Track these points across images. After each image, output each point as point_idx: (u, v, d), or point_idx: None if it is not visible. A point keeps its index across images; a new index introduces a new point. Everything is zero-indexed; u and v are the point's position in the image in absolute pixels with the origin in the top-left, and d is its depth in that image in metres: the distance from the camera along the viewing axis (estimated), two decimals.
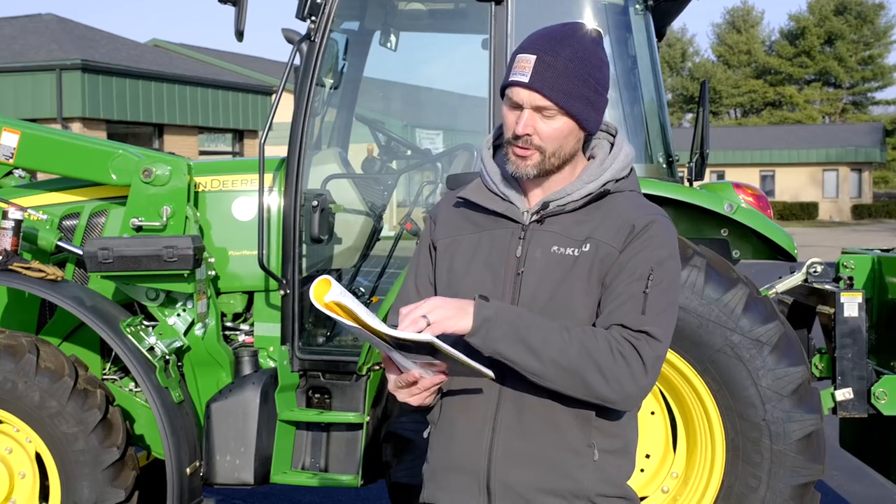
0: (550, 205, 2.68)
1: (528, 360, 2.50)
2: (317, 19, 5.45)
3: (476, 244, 2.72)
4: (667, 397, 5.35)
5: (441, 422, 2.74)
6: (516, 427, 2.62)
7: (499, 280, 2.67)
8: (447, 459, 2.71)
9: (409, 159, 6.48)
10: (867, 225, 51.92)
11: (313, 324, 5.69)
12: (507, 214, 2.71)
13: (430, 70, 7.11)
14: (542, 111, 2.60)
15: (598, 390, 2.51)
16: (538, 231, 2.67)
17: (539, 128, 2.60)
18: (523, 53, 2.63)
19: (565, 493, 2.61)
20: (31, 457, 5.16)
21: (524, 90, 2.59)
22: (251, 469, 5.33)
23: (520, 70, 2.60)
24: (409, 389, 2.58)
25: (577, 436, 2.62)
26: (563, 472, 2.61)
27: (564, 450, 2.61)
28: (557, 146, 2.63)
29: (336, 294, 2.37)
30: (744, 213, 5.42)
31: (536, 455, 2.61)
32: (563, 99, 2.58)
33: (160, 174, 5.44)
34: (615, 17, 5.68)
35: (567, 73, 2.59)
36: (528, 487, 2.61)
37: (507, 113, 2.65)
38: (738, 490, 5.07)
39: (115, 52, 27.89)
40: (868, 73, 78.39)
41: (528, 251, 2.66)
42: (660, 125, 5.87)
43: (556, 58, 2.60)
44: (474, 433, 2.65)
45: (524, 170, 2.64)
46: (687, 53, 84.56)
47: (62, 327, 5.66)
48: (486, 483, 2.64)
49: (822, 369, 5.78)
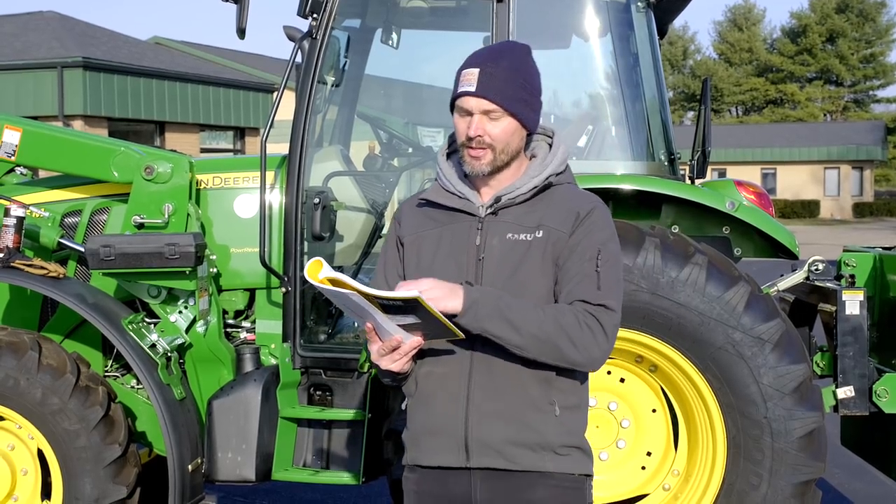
0: (502, 198, 3.07)
1: (511, 335, 2.89)
2: (318, 17, 5.46)
3: (439, 238, 3.11)
4: (668, 395, 5.35)
5: (419, 394, 3.09)
6: (488, 391, 3.00)
7: (462, 267, 3.05)
8: (427, 425, 3.07)
9: (410, 157, 6.48)
10: (868, 223, 51.91)
11: (315, 321, 5.69)
12: (464, 209, 3.11)
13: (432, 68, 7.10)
14: (490, 114, 3.00)
15: (569, 356, 2.93)
16: (493, 222, 3.07)
17: (488, 129, 3.01)
18: (467, 68, 3.06)
19: (533, 445, 3.00)
20: (33, 453, 5.17)
21: (472, 98, 3.01)
22: (253, 466, 5.34)
23: (466, 82, 3.03)
24: (390, 356, 2.93)
25: (541, 395, 3.01)
26: (530, 427, 3.00)
27: (530, 407, 3.00)
28: (505, 143, 3.03)
29: (328, 271, 2.77)
30: (745, 211, 5.42)
31: (506, 413, 2.99)
32: (506, 102, 3.00)
33: (162, 171, 5.45)
34: (617, 15, 5.68)
35: (507, 80, 3.01)
36: (501, 441, 2.99)
37: (458, 121, 3.07)
38: (739, 488, 5.07)
39: (117, 49, 27.90)
40: (869, 71, 78.32)
41: (486, 240, 3.05)
42: (661, 123, 5.86)
43: (496, 68, 3.01)
44: (450, 400, 3.02)
45: (479, 168, 3.04)
46: (688, 51, 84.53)
47: (64, 324, 5.67)
48: (465, 441, 3.01)
49: (824, 367, 5.78)
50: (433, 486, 3.10)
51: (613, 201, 5.31)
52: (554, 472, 3.02)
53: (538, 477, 3.01)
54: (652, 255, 4.98)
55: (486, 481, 3.02)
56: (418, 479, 3.14)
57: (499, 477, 3.01)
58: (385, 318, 2.83)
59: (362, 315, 2.87)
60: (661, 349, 5.10)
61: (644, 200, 5.44)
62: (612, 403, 5.37)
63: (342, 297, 2.81)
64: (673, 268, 4.99)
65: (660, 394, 5.38)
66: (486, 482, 3.02)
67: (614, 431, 5.37)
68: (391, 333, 2.89)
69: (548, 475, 3.02)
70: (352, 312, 2.94)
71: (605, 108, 5.78)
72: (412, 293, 2.74)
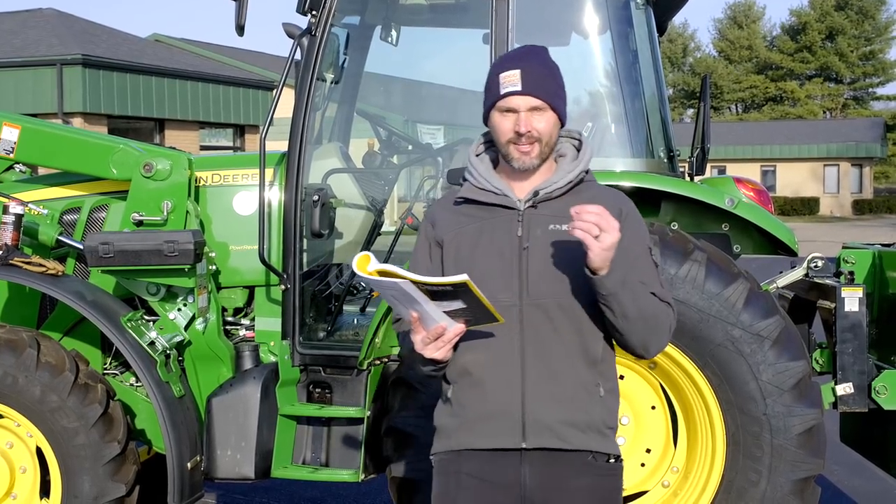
0: (540, 192, 3.24)
1: (630, 307, 3.07)
2: (318, 14, 5.45)
3: (478, 232, 3.25)
4: (667, 392, 5.35)
5: (469, 381, 3.20)
6: (542, 374, 3.15)
7: (505, 256, 3.20)
8: (484, 409, 3.18)
9: (409, 154, 6.48)
10: (868, 220, 51.92)
11: (314, 318, 5.69)
12: (504, 204, 3.25)
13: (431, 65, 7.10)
14: (536, 110, 3.19)
15: (649, 342, 3.19)
16: (534, 214, 3.23)
17: (535, 124, 3.19)
18: (506, 71, 3.22)
19: (582, 425, 3.17)
20: (31, 451, 5.17)
21: (519, 97, 3.18)
22: (252, 464, 5.34)
23: (510, 83, 3.19)
24: (434, 344, 3.05)
25: (588, 377, 3.20)
26: (580, 408, 3.18)
27: (581, 389, 3.18)
28: (549, 136, 3.22)
29: (376, 264, 2.93)
30: (745, 208, 5.41)
31: (560, 395, 3.16)
32: (549, 97, 3.20)
33: (161, 169, 5.44)
34: (616, 12, 5.67)
35: (545, 77, 3.23)
36: (555, 421, 3.15)
37: (500, 120, 3.22)
38: (738, 484, 5.07)
39: (116, 46, 27.88)
40: (869, 69, 78.33)
41: (528, 231, 3.20)
42: (661, 120, 5.86)
43: (534, 68, 3.22)
44: (505, 384, 3.16)
45: (529, 162, 3.22)
46: (688, 49, 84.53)
47: (63, 322, 5.67)
48: (522, 422, 3.15)
49: (823, 364, 5.78)
50: (479, 468, 3.21)
51: None
52: (598, 451, 3.21)
53: (582, 463, 3.18)
54: None
55: (536, 465, 3.16)
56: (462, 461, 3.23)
57: (549, 460, 3.16)
58: (432, 305, 2.97)
59: (408, 305, 2.99)
60: None
61: (643, 197, 5.42)
62: None
63: (390, 288, 2.94)
64: (672, 264, 4.99)
65: (659, 391, 5.38)
66: (535, 466, 3.16)
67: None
68: (436, 321, 3.01)
69: (591, 463, 3.20)
70: (397, 303, 3.04)
71: (604, 105, 5.77)
72: (462, 277, 2.89)
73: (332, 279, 6.01)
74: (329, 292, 5.87)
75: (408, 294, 2.94)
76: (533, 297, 3.16)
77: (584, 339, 3.19)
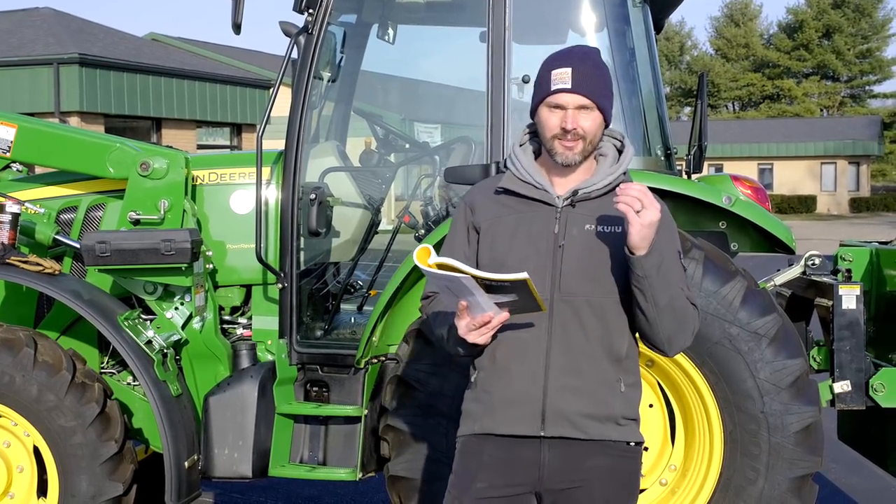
0: (579, 192, 3.33)
1: (661, 294, 3.17)
2: (314, 12, 5.45)
3: (516, 223, 3.35)
4: (665, 390, 5.35)
5: (495, 367, 3.33)
6: (565, 367, 3.27)
7: (541, 251, 3.30)
8: (507, 396, 3.31)
9: (406, 152, 6.47)
10: (865, 218, 51.92)
11: (311, 317, 5.69)
12: (543, 199, 3.35)
13: (428, 63, 7.10)
14: (583, 109, 3.27)
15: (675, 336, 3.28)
16: (572, 213, 3.32)
17: (581, 122, 3.27)
18: (558, 68, 3.29)
19: (602, 417, 3.29)
20: (29, 451, 5.16)
21: (568, 94, 3.26)
22: (249, 462, 5.33)
23: (560, 80, 3.27)
24: (479, 330, 3.15)
25: (610, 373, 3.30)
26: (600, 401, 3.29)
27: (602, 384, 3.29)
28: (594, 135, 3.32)
29: (436, 257, 3.07)
30: (742, 206, 5.41)
31: (581, 388, 3.27)
32: (597, 97, 3.29)
33: (158, 167, 5.44)
34: (613, 10, 5.67)
35: (595, 77, 3.31)
36: (575, 413, 3.27)
37: (548, 116, 3.30)
38: (736, 482, 5.07)
39: (113, 46, 27.86)
40: (866, 67, 78.29)
41: (565, 229, 3.31)
42: (658, 118, 5.86)
43: (585, 67, 3.30)
44: (529, 374, 3.28)
45: (572, 157, 3.30)
46: (685, 47, 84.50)
47: (60, 321, 5.66)
48: (542, 412, 3.27)
49: (821, 362, 5.78)
50: (501, 451, 3.33)
51: None
52: (616, 440, 3.32)
53: (601, 446, 3.30)
54: None
55: (555, 451, 3.28)
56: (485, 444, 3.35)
57: (566, 445, 3.28)
58: (486, 297, 3.10)
59: (460, 295, 3.12)
60: None
61: None
62: None
63: (449, 281, 3.07)
64: None
65: (657, 389, 5.38)
66: (554, 452, 3.28)
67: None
68: (484, 310, 3.13)
69: (609, 444, 3.31)
70: (449, 292, 3.16)
71: None
72: (522, 275, 3.02)
73: (330, 278, 6.01)
74: (326, 291, 5.87)
75: (464, 286, 3.08)
76: (564, 293, 3.27)
77: (609, 336, 3.29)
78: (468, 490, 3.36)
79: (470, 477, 3.38)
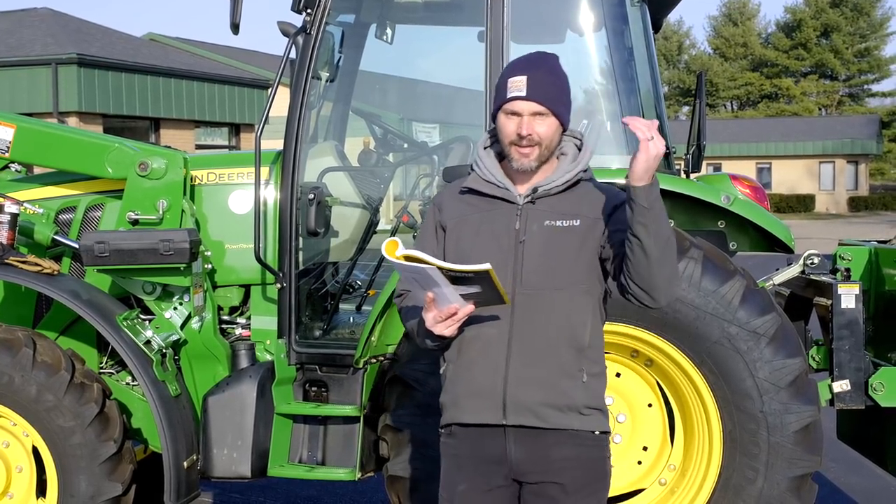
0: (539, 189, 3.47)
1: (662, 226, 3.24)
2: (312, 12, 5.45)
3: (479, 222, 3.49)
4: (664, 389, 5.35)
5: (461, 360, 3.46)
6: (525, 359, 3.38)
7: (503, 247, 3.43)
8: (469, 388, 3.44)
9: (405, 152, 6.47)
10: (863, 217, 51.95)
11: (310, 317, 5.69)
12: (505, 198, 3.49)
13: (427, 63, 7.10)
14: (538, 115, 3.40)
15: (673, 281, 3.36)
16: (532, 209, 3.46)
17: (536, 129, 3.41)
18: (514, 77, 3.43)
19: (562, 406, 3.39)
20: (27, 451, 5.16)
21: (524, 102, 3.39)
22: (248, 462, 5.33)
23: (516, 88, 3.40)
24: (445, 322, 3.30)
25: (572, 363, 3.40)
26: (560, 391, 3.39)
27: (562, 374, 3.40)
28: (550, 140, 3.44)
29: (403, 249, 3.19)
30: (741, 205, 5.41)
31: (541, 378, 3.38)
32: (551, 104, 3.42)
33: (156, 167, 5.44)
34: (611, 10, 5.67)
35: (550, 84, 3.44)
36: (535, 403, 3.38)
37: (505, 122, 3.44)
38: (735, 482, 5.07)
39: (111, 46, 27.85)
40: (864, 66, 78.31)
41: (525, 225, 3.44)
42: (656, 117, 5.85)
43: (540, 75, 3.43)
44: (491, 366, 3.40)
45: (528, 163, 3.43)
46: (683, 46, 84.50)
47: (59, 321, 5.66)
48: (503, 401, 3.39)
49: (820, 361, 5.78)
50: (471, 447, 3.47)
51: None
52: (579, 429, 3.42)
53: (565, 436, 3.41)
54: None
55: (519, 440, 3.41)
56: (456, 443, 3.51)
57: (530, 436, 3.40)
58: (451, 288, 3.22)
59: (426, 287, 3.25)
60: (656, 344, 5.10)
61: None
62: (608, 398, 5.36)
63: (415, 272, 3.19)
64: None
65: (656, 388, 5.38)
66: (519, 441, 3.41)
67: (610, 426, 5.36)
68: (450, 302, 3.26)
69: (573, 434, 3.41)
70: (417, 285, 3.29)
71: (599, 102, 5.77)
72: (485, 266, 3.14)
73: (328, 278, 6.00)
74: (325, 291, 5.87)
75: (430, 278, 3.20)
76: (525, 287, 3.39)
77: (571, 326, 3.40)
78: (454, 495, 3.53)
79: (452, 481, 3.54)
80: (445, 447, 3.58)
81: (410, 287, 3.37)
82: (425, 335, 3.41)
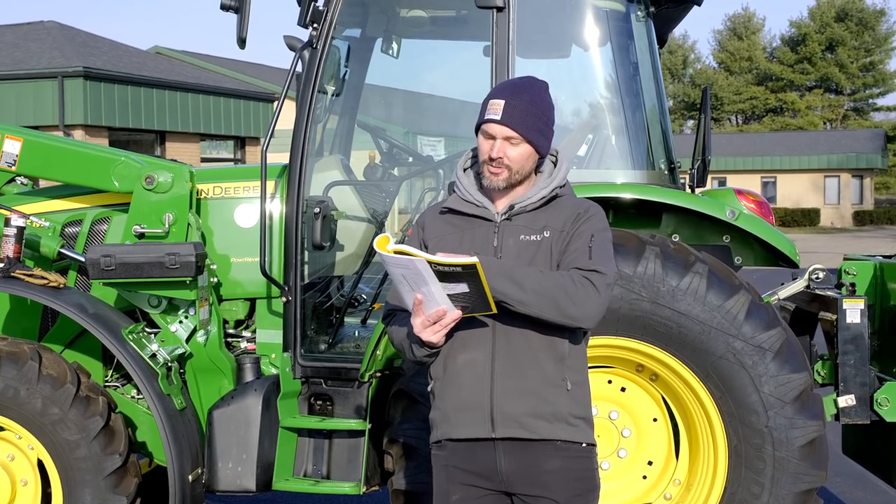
0: (515, 206, 3.57)
1: (516, 291, 3.33)
2: (319, 26, 5.46)
3: (459, 239, 3.59)
4: (669, 404, 5.35)
5: (447, 377, 3.54)
6: (509, 371, 3.47)
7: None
8: (457, 403, 3.52)
9: (410, 166, 6.48)
10: (869, 231, 51.90)
11: (315, 331, 5.69)
12: (483, 216, 3.60)
13: (432, 77, 7.12)
14: (510, 140, 3.50)
15: (568, 310, 3.35)
16: (508, 226, 3.57)
17: (508, 152, 3.51)
18: (494, 99, 3.54)
19: (548, 416, 3.47)
20: (33, 464, 5.16)
21: (497, 125, 3.50)
22: (253, 476, 5.33)
23: (493, 111, 3.51)
24: (432, 327, 3.35)
25: (555, 372, 3.48)
26: (546, 401, 3.47)
27: (546, 384, 3.47)
28: (520, 165, 3.54)
29: (394, 244, 3.28)
30: (746, 220, 5.41)
31: (526, 389, 3.46)
32: (525, 131, 3.50)
33: (162, 181, 5.45)
34: (617, 24, 5.68)
35: (527, 112, 3.51)
36: (521, 414, 3.46)
37: (482, 142, 3.55)
38: (740, 497, 5.06)
39: (117, 59, 27.91)
40: (869, 80, 78.30)
41: (502, 241, 3.55)
42: (661, 132, 5.87)
43: (519, 101, 3.51)
44: (477, 380, 3.48)
45: (496, 183, 3.54)
46: (688, 60, 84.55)
47: (64, 334, 5.66)
48: (491, 415, 3.46)
49: (825, 376, 5.77)
50: (462, 460, 3.54)
51: (614, 210, 5.31)
52: (566, 440, 3.48)
53: (553, 448, 3.48)
54: (652, 264, 4.99)
55: (509, 453, 3.48)
56: (448, 454, 3.58)
57: (520, 449, 3.47)
58: (439, 286, 3.28)
59: (415, 286, 3.31)
60: (661, 358, 5.10)
61: (644, 209, 5.44)
62: (614, 412, 5.37)
63: (404, 266, 3.26)
64: (673, 276, 5.00)
65: (661, 403, 5.37)
66: (509, 454, 3.48)
67: (615, 441, 5.37)
68: (438, 304, 3.32)
69: (560, 446, 3.48)
70: (405, 283, 3.34)
71: (605, 117, 5.78)
72: (472, 259, 3.21)
73: (334, 291, 6.01)
74: (330, 304, 5.87)
75: (419, 273, 3.26)
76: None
77: (551, 337, 3.47)
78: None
79: (445, 491, 3.62)
80: (437, 459, 3.64)
81: (400, 288, 3.40)
82: (414, 343, 3.47)
